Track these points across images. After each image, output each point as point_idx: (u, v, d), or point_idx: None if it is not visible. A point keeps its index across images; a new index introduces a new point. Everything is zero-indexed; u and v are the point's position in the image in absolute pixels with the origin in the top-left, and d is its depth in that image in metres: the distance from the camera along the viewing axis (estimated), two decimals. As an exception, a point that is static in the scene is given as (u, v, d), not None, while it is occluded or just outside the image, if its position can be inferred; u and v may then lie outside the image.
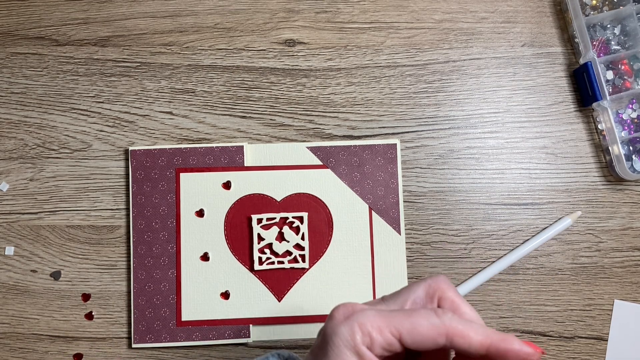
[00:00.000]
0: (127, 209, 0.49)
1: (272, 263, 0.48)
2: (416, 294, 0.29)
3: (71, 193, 0.49)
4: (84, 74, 0.50)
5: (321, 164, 0.49)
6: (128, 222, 0.48)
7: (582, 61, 0.50)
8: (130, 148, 0.49)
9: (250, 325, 0.47)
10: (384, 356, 0.27)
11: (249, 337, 0.47)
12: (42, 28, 0.51)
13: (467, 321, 0.27)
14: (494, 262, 0.49)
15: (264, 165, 0.49)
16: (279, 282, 0.48)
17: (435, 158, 0.50)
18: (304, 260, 0.48)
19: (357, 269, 0.48)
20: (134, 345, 0.47)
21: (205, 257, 0.48)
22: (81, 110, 0.50)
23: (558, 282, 0.49)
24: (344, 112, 0.50)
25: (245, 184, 0.49)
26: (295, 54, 0.51)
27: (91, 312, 0.48)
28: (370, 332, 0.26)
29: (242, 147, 0.49)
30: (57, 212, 0.49)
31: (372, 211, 0.49)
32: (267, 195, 0.49)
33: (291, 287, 0.48)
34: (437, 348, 0.27)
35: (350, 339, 0.26)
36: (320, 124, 0.50)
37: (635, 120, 0.51)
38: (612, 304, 0.49)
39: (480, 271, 0.49)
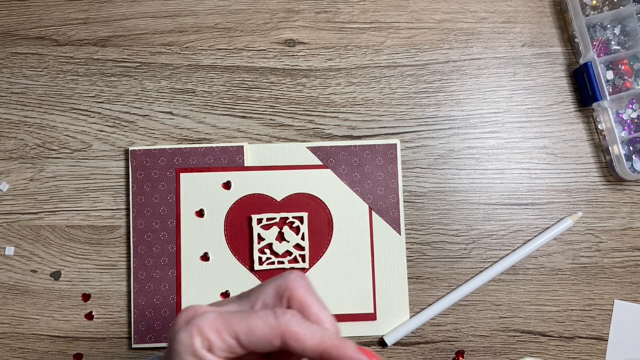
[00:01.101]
0: (127, 209, 0.49)
1: (272, 263, 0.48)
2: (266, 293, 0.28)
3: (71, 193, 0.49)
4: (84, 74, 0.50)
5: (321, 164, 0.49)
6: (128, 222, 0.48)
7: (582, 61, 0.50)
8: (130, 148, 0.49)
9: (250, 325, 0.47)
10: (234, 357, 0.27)
11: (249, 337, 0.47)
12: (42, 28, 0.51)
13: (306, 323, 0.26)
14: (495, 262, 0.49)
15: (264, 165, 0.49)
16: (279, 282, 0.48)
17: (435, 158, 0.50)
18: (304, 260, 0.48)
19: (357, 269, 0.48)
20: (134, 345, 0.47)
21: (205, 257, 0.48)
22: (81, 110, 0.50)
23: (558, 282, 0.49)
24: (344, 112, 0.50)
25: (245, 184, 0.49)
26: (295, 54, 0.51)
27: (91, 312, 0.48)
28: (209, 336, 0.26)
29: (242, 147, 0.49)
30: (57, 212, 0.49)
31: (372, 211, 0.49)
32: (267, 195, 0.49)
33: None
34: (276, 349, 0.26)
35: (189, 345, 0.26)
36: (320, 124, 0.50)
37: (635, 120, 0.51)
38: (612, 304, 0.49)
39: (481, 272, 0.49)
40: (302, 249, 0.48)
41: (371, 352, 0.26)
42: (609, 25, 0.52)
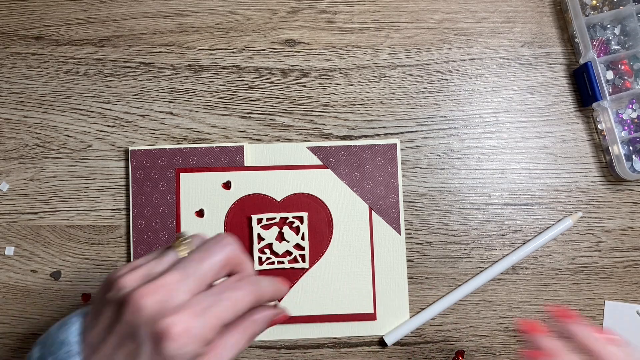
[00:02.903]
0: (127, 209, 0.49)
1: (272, 263, 0.48)
2: (216, 267, 0.31)
3: (71, 193, 0.49)
4: (84, 74, 0.50)
5: (321, 164, 0.49)
6: (128, 222, 0.48)
7: (582, 61, 0.50)
8: (130, 148, 0.49)
9: (250, 325, 0.47)
10: None
11: (249, 337, 0.47)
12: (42, 28, 0.51)
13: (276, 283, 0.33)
14: (495, 262, 0.49)
15: (264, 165, 0.49)
16: (279, 282, 0.48)
17: (435, 158, 0.50)
18: (304, 260, 0.48)
19: (357, 269, 0.48)
20: None
21: (205, 257, 0.48)
22: (81, 110, 0.50)
23: (558, 282, 0.49)
24: (344, 112, 0.50)
25: (245, 184, 0.49)
26: (295, 54, 0.51)
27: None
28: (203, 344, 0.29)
29: (242, 147, 0.49)
30: (57, 212, 0.49)
31: (372, 211, 0.49)
32: (267, 195, 0.49)
33: (291, 287, 0.48)
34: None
35: None
36: (320, 124, 0.50)
37: (635, 120, 0.51)
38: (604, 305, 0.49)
39: (481, 272, 0.49)
40: (302, 249, 0.48)
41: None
42: (609, 25, 0.52)
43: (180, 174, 0.49)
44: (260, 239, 0.48)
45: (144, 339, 0.28)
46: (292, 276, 0.48)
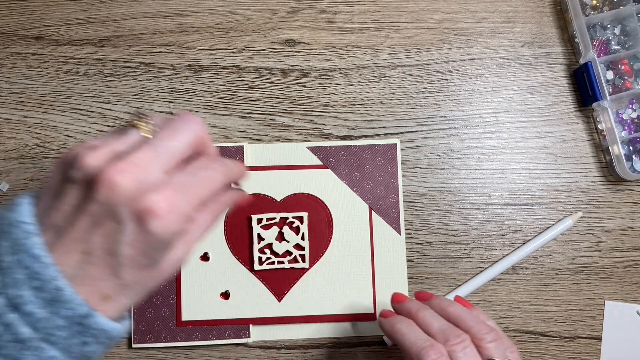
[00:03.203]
0: (127, 209, 0.49)
1: (272, 263, 0.48)
2: (183, 146, 0.30)
3: (71, 193, 0.49)
4: (84, 74, 0.50)
5: (321, 164, 0.49)
6: (128, 222, 0.48)
7: (582, 61, 0.50)
8: (130, 148, 0.49)
9: (250, 325, 0.47)
10: None
11: (249, 337, 0.47)
12: (42, 28, 0.51)
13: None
14: (494, 262, 0.49)
15: (264, 165, 0.49)
16: (279, 282, 0.48)
17: (435, 158, 0.50)
18: (304, 260, 0.48)
19: (357, 269, 0.48)
20: (134, 345, 0.47)
21: (205, 257, 0.48)
22: (81, 110, 0.50)
23: (558, 282, 0.49)
24: (344, 112, 0.50)
25: (245, 184, 0.49)
26: (295, 54, 0.51)
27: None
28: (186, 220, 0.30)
29: (242, 147, 0.49)
30: (57, 212, 0.49)
31: (372, 211, 0.49)
32: (267, 195, 0.49)
33: (291, 287, 0.48)
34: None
35: (182, 258, 0.30)
36: (320, 124, 0.50)
37: (635, 120, 0.51)
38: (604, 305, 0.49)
39: (481, 272, 0.49)
40: (302, 249, 0.48)
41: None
42: (609, 25, 0.52)
43: (180, 174, 0.49)
44: (260, 239, 0.48)
45: (124, 217, 0.27)
46: (292, 276, 0.48)
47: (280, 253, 0.48)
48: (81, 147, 0.29)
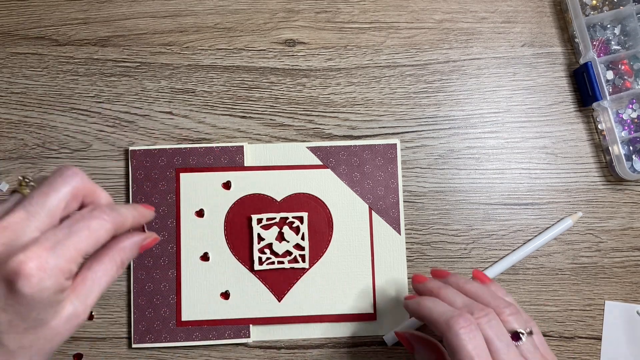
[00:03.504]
0: (127, 209, 0.49)
1: (272, 263, 0.48)
2: (62, 197, 0.29)
3: (71, 193, 0.49)
4: (84, 74, 0.50)
5: (321, 164, 0.49)
6: (128, 222, 0.48)
7: (582, 61, 0.50)
8: (130, 148, 0.49)
9: (250, 325, 0.47)
10: None
11: (249, 337, 0.47)
12: (42, 28, 0.51)
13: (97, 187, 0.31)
14: (495, 262, 0.49)
15: (264, 165, 0.49)
16: (279, 282, 0.48)
17: (435, 158, 0.50)
18: (304, 260, 0.48)
19: (357, 269, 0.48)
20: (134, 345, 0.47)
21: (205, 257, 0.48)
22: (81, 110, 0.50)
23: (558, 282, 0.49)
24: (344, 112, 0.50)
25: (245, 184, 0.49)
26: (295, 54, 0.51)
27: (91, 312, 0.48)
28: (62, 275, 0.28)
29: (242, 147, 0.49)
30: (57, 212, 0.49)
31: (372, 211, 0.49)
32: (267, 195, 0.49)
33: (291, 287, 0.48)
34: None
35: (52, 298, 0.28)
36: (320, 124, 0.50)
37: (635, 120, 0.51)
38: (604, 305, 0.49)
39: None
40: (302, 249, 0.48)
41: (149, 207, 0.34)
42: (609, 25, 0.52)
43: (180, 174, 0.49)
44: (260, 239, 0.48)
45: None
46: (292, 276, 0.48)
47: (280, 253, 0.48)
48: None
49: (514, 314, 0.36)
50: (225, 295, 0.48)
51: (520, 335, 0.35)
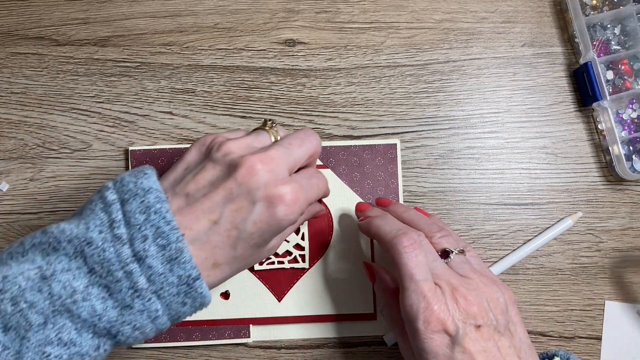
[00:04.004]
0: (127, 209, 0.49)
1: (272, 263, 0.48)
2: (302, 160, 0.37)
3: (71, 193, 0.49)
4: (84, 74, 0.50)
5: (321, 163, 0.49)
6: (128, 222, 0.48)
7: (582, 61, 0.50)
8: (130, 148, 0.49)
9: (250, 325, 0.47)
10: None
11: (249, 337, 0.47)
12: (42, 28, 0.51)
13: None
14: (495, 262, 0.49)
15: (264, 165, 0.49)
16: (279, 282, 0.48)
17: (435, 158, 0.50)
18: (304, 260, 0.48)
19: (357, 268, 0.48)
20: (134, 345, 0.47)
21: (205, 257, 0.48)
22: (81, 110, 0.50)
23: (558, 282, 0.49)
24: (344, 112, 0.50)
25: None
26: (295, 54, 0.51)
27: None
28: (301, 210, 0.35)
29: (242, 147, 0.49)
30: (57, 212, 0.49)
31: (372, 211, 0.49)
32: (267, 195, 0.49)
33: (291, 287, 0.48)
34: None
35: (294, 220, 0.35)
36: (320, 124, 0.50)
37: (636, 120, 0.51)
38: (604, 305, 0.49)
39: (480, 271, 0.49)
40: (302, 249, 0.48)
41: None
42: (609, 25, 0.52)
43: (180, 174, 0.49)
44: (260, 239, 0.48)
45: (258, 199, 0.32)
46: (292, 276, 0.48)
47: (280, 253, 0.48)
48: (217, 136, 0.35)
49: (445, 236, 0.39)
50: (225, 295, 0.48)
51: (449, 253, 0.38)
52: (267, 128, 0.37)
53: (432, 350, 0.34)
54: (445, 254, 0.38)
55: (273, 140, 0.37)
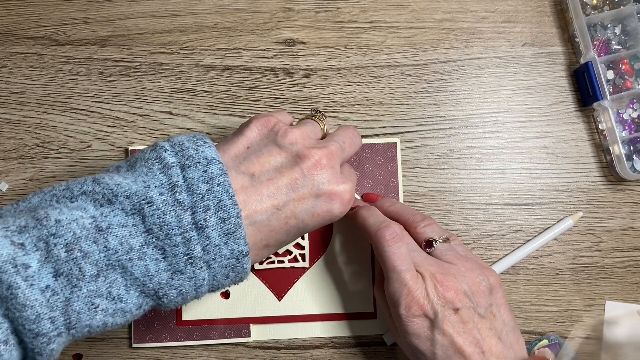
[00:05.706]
0: (127, 209, 0.49)
1: (272, 262, 0.48)
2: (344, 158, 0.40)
3: (71, 193, 0.49)
4: (84, 74, 0.50)
5: (321, 163, 0.49)
6: (128, 222, 0.48)
7: (582, 61, 0.50)
8: (130, 148, 0.49)
9: (251, 325, 0.47)
10: None
11: (249, 336, 0.47)
12: (41, 28, 0.51)
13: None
14: (495, 262, 0.49)
15: (264, 165, 0.49)
16: (279, 281, 0.48)
17: (436, 158, 0.50)
18: (304, 260, 0.48)
19: (357, 267, 0.48)
20: (134, 345, 0.47)
21: (205, 257, 0.48)
22: (81, 110, 0.50)
23: (559, 282, 0.49)
24: (344, 112, 0.50)
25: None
26: (295, 53, 0.51)
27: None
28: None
29: (242, 147, 0.49)
30: (56, 212, 0.49)
31: (372, 211, 0.49)
32: (267, 195, 0.49)
33: (291, 286, 0.48)
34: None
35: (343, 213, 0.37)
36: (320, 124, 0.50)
37: (636, 120, 0.50)
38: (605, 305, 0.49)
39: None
40: (302, 248, 0.48)
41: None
42: (609, 25, 0.51)
43: (180, 173, 0.48)
44: (260, 239, 0.48)
45: (321, 194, 0.34)
46: (292, 276, 0.48)
47: (280, 252, 0.48)
48: (279, 120, 0.36)
49: (428, 225, 0.41)
50: (226, 294, 0.48)
51: (433, 242, 0.40)
52: (317, 119, 0.39)
53: (414, 333, 0.37)
54: (429, 243, 0.40)
55: (322, 132, 0.39)
